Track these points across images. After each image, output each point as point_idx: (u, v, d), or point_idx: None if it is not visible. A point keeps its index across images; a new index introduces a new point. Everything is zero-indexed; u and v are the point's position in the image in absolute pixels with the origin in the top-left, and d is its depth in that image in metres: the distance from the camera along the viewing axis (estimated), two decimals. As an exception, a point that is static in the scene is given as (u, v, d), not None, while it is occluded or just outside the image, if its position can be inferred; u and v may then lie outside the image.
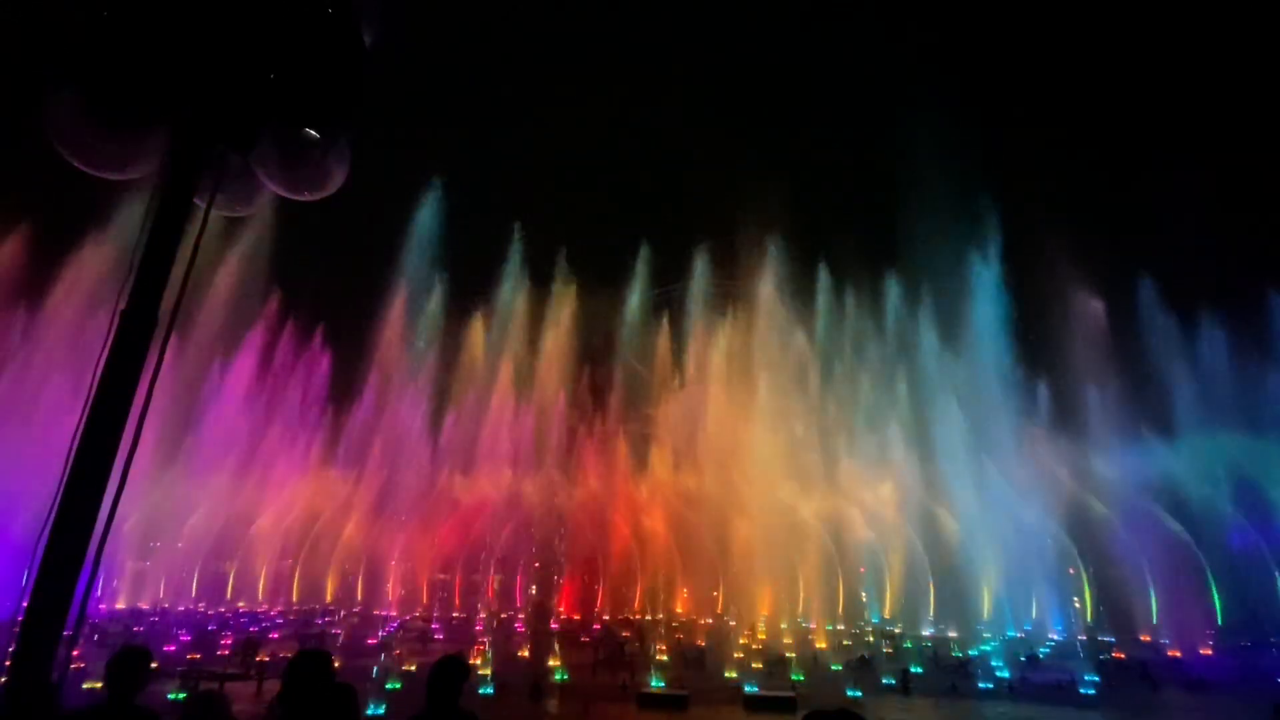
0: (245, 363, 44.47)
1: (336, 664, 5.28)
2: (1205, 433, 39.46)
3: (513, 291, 48.23)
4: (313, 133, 3.41)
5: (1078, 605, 43.99)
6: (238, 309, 40.99)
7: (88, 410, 2.63)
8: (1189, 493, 39.23)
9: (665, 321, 56.35)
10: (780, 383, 45.38)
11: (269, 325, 45.58)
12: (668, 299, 62.64)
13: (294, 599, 46.48)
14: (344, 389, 48.01)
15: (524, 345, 47.77)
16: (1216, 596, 38.54)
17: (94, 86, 2.96)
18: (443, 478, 45.17)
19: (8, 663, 2.41)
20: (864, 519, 45.10)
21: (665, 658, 25.77)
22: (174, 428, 37.90)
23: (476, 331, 48.62)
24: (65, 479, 2.52)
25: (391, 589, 43.88)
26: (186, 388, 39.05)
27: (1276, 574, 36.84)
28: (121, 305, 2.80)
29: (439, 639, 31.44)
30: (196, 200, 3.15)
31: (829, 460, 46.86)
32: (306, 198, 3.67)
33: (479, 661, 21.45)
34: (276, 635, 31.27)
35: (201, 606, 41.55)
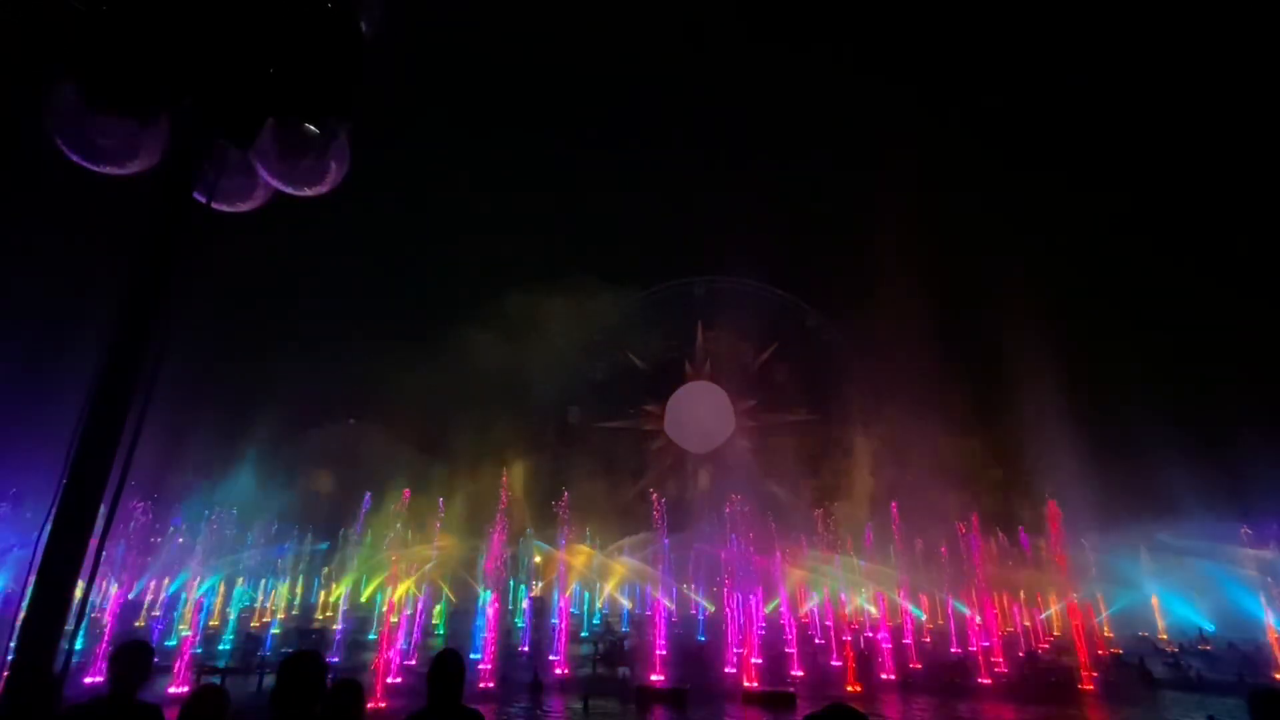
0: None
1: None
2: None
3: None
4: (312, 127, 3.39)
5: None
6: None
7: (89, 406, 2.62)
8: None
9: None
10: None
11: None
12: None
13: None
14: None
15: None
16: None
17: (93, 80, 2.94)
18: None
19: (9, 657, 2.42)
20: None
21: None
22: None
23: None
24: (66, 475, 2.51)
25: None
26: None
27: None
28: (122, 301, 2.79)
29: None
30: (196, 195, 3.13)
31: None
32: (306, 193, 3.65)
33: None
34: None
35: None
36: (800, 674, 22.26)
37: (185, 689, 17.55)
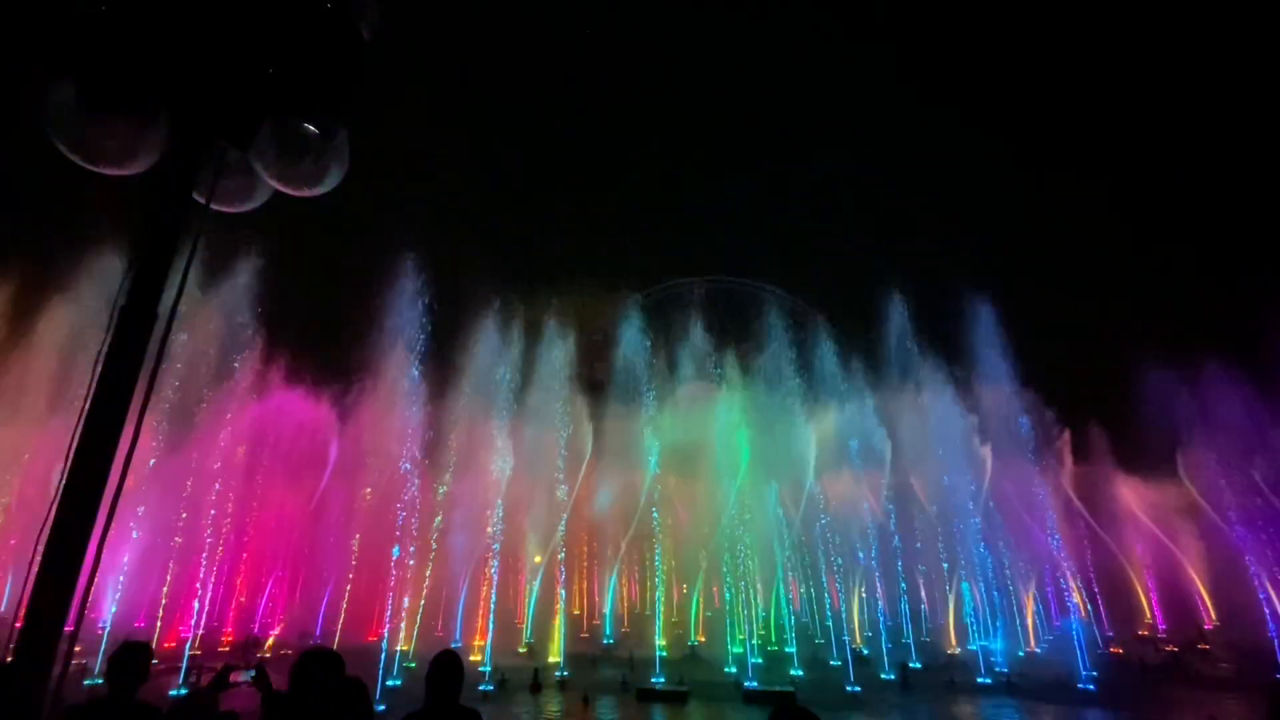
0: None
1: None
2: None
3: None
4: (311, 128, 3.39)
5: (1076, 600, 44.11)
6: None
7: (87, 408, 2.63)
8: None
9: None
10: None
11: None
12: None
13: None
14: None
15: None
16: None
17: (92, 81, 2.94)
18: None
19: (9, 659, 2.42)
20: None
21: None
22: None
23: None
24: (65, 476, 2.51)
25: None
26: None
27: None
28: (121, 302, 2.79)
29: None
30: (196, 196, 3.13)
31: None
32: (305, 193, 3.65)
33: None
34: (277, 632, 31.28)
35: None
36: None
37: (184, 690, 17.53)
